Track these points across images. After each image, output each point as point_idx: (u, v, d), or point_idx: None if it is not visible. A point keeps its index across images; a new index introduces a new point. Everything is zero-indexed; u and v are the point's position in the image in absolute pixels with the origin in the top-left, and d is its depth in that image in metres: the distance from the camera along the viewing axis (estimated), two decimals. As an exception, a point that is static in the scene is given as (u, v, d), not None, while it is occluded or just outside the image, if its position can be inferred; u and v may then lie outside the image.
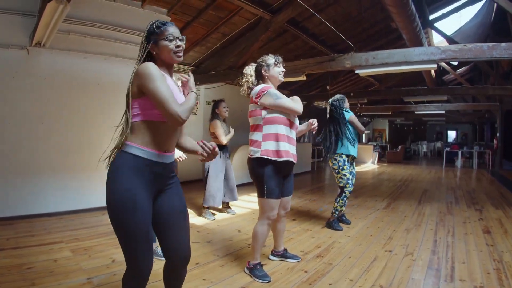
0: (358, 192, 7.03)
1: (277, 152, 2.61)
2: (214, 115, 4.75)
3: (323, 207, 5.61)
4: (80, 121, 4.86)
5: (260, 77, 2.79)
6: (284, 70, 2.79)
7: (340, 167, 4.25)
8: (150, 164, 1.61)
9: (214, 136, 4.67)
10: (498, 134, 12.67)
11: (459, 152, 14.40)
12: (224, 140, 4.61)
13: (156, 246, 3.34)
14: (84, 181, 4.85)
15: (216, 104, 4.84)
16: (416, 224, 4.48)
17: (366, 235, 3.97)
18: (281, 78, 2.76)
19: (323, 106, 13.81)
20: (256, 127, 2.71)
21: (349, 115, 4.39)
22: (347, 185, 4.23)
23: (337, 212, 4.26)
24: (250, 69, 2.86)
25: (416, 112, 14.40)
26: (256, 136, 2.70)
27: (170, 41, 1.65)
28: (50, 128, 4.64)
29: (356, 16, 7.48)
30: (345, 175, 4.23)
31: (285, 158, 2.62)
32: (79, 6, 4.56)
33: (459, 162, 14.25)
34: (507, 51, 4.06)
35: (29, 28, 4.32)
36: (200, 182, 8.21)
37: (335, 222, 4.26)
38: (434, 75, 10.36)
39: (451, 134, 23.79)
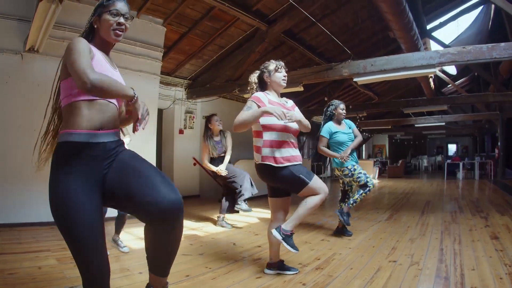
0: (359, 206, 6.79)
1: (279, 158, 2.62)
2: (206, 131, 4.76)
3: (322, 220, 5.40)
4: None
5: (263, 83, 2.83)
6: (286, 75, 2.79)
7: (353, 169, 4.11)
8: (86, 147, 1.44)
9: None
10: (499, 143, 12.55)
11: (461, 164, 14.24)
12: (206, 164, 4.70)
13: (118, 238, 3.24)
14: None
15: (208, 119, 4.82)
16: (420, 234, 4.27)
17: (368, 246, 3.76)
18: (283, 84, 2.77)
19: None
20: (258, 134, 2.73)
21: (321, 132, 4.23)
22: (368, 179, 4.07)
23: (354, 204, 4.09)
24: (254, 77, 2.89)
25: (416, 125, 14.34)
26: (257, 142, 2.74)
27: (113, 16, 1.55)
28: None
29: (353, 27, 7.50)
30: (360, 173, 4.09)
31: (288, 163, 2.63)
32: (73, 14, 4.57)
33: (460, 174, 14.08)
34: (507, 51, 3.97)
35: (24, 34, 4.29)
36: (196, 197, 8.07)
37: (346, 214, 4.11)
38: (433, 87, 10.33)
39: (452, 148, 23.74)
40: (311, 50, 7.88)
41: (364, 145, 21.75)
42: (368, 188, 4.06)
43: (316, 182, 2.64)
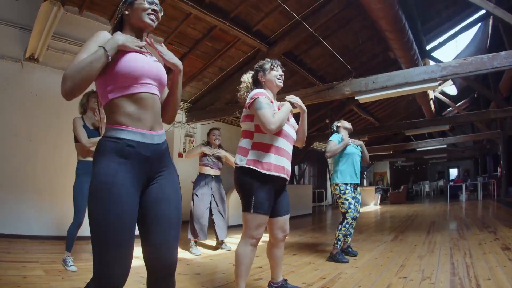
0: (362, 229, 6.62)
1: (268, 165, 2.28)
2: (204, 142, 4.73)
3: (325, 242, 5.21)
4: (68, 142, 4.73)
5: (257, 83, 2.57)
6: (282, 73, 2.55)
7: (342, 192, 3.95)
8: (137, 146, 1.36)
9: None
10: (501, 162, 12.41)
11: (463, 186, 14.07)
12: (185, 155, 4.64)
13: (68, 256, 3.13)
14: (70, 207, 4.56)
15: (208, 132, 4.77)
16: (429, 251, 4.10)
17: (375, 265, 3.58)
18: (279, 83, 2.52)
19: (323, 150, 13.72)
20: (247, 134, 2.42)
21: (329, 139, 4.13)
22: (349, 211, 3.88)
23: (339, 242, 3.85)
24: (247, 76, 2.65)
25: (417, 149, 14.29)
26: (245, 143, 2.40)
27: (149, 3, 1.50)
28: (37, 146, 4.50)
29: (354, 49, 7.57)
30: (347, 200, 3.90)
31: (276, 174, 2.29)
32: (75, 27, 4.66)
33: (463, 196, 13.91)
34: (508, 59, 3.96)
35: (25, 43, 4.34)
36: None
37: (339, 254, 3.85)
38: (433, 110, 10.35)
39: (453, 172, 23.53)
40: (311, 73, 7.93)
41: (365, 173, 21.58)
42: (346, 221, 3.89)
43: (254, 219, 2.30)
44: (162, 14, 1.58)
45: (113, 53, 1.34)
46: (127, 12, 1.52)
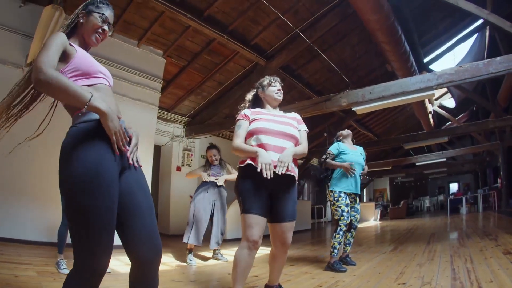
0: (362, 241, 6.53)
1: (244, 160, 2.33)
2: (206, 160, 4.78)
3: (324, 254, 5.12)
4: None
5: (258, 100, 2.68)
6: (280, 88, 2.62)
7: (335, 199, 3.92)
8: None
9: None
10: (501, 173, 12.33)
11: (463, 198, 13.98)
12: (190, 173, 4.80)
13: (61, 258, 3.10)
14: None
15: (206, 150, 4.83)
16: (429, 259, 4.02)
17: (374, 273, 3.49)
18: (278, 97, 2.59)
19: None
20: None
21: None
22: (341, 218, 3.84)
23: (335, 250, 3.78)
24: (250, 95, 2.77)
25: (417, 164, 14.22)
26: None
27: (102, 21, 1.53)
28: (35, 152, 4.46)
29: (351, 63, 7.63)
30: (340, 207, 3.87)
31: (249, 161, 2.26)
32: None
33: (464, 209, 13.83)
34: (503, 64, 3.97)
35: (27, 49, 4.38)
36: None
37: (336, 263, 3.76)
38: (432, 124, 10.35)
39: (453, 187, 23.35)
40: (309, 88, 7.96)
41: (364, 189, 21.46)
42: (339, 228, 3.85)
43: (244, 220, 2.24)
44: (111, 33, 1.63)
45: (89, 109, 1.30)
46: (82, 21, 1.53)
